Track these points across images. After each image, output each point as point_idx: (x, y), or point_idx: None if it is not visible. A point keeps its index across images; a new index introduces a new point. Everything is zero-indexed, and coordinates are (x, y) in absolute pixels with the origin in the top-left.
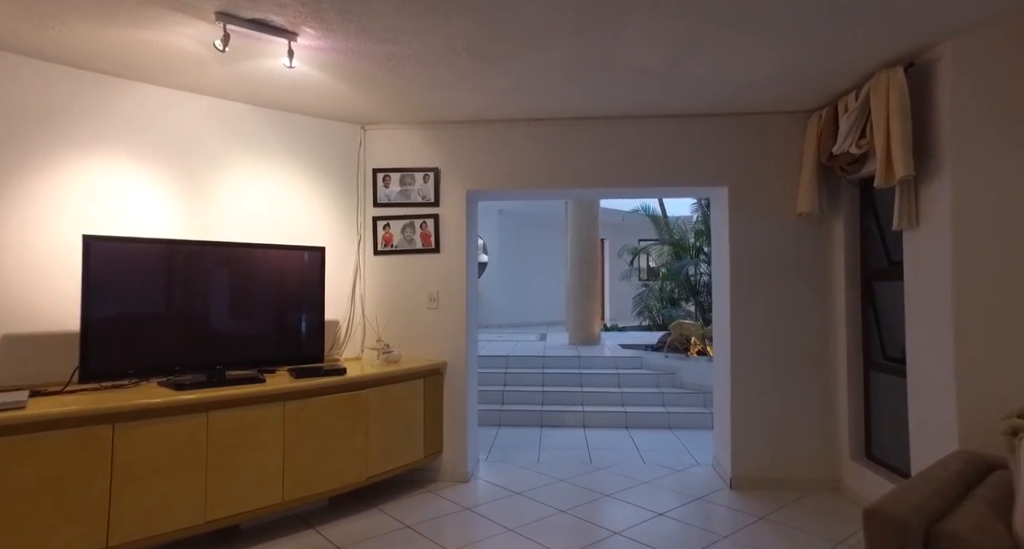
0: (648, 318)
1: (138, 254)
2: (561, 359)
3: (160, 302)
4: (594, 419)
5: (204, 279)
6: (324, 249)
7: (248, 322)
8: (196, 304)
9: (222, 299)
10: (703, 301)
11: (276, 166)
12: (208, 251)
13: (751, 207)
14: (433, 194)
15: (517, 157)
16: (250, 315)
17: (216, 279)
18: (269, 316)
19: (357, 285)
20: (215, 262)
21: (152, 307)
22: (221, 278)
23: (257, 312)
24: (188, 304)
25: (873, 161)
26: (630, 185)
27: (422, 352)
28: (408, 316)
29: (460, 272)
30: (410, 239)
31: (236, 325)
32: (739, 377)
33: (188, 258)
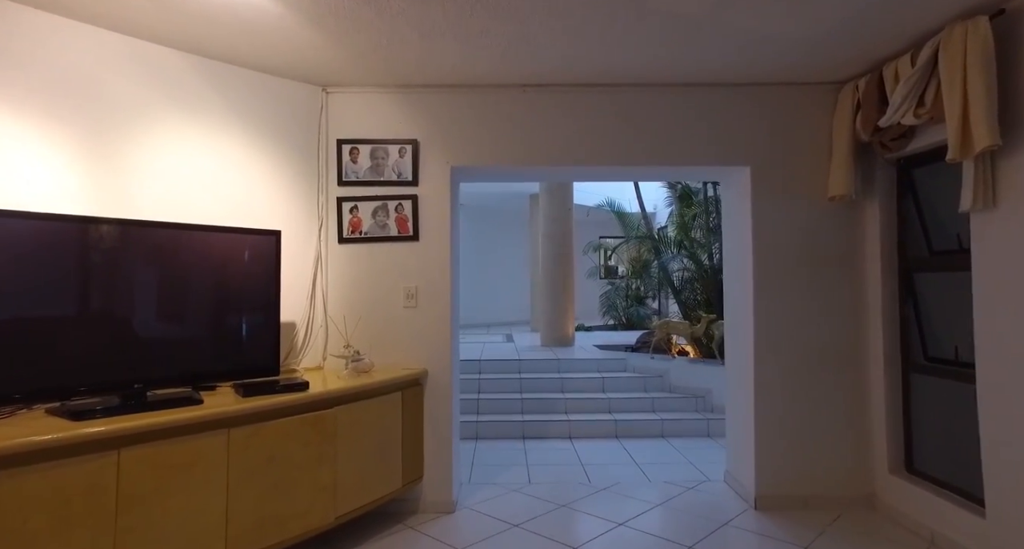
0: (614, 317)
1: (24, 235)
2: (539, 363)
3: (57, 301)
4: (581, 429)
5: (121, 270)
6: (279, 233)
7: (181, 326)
8: (110, 303)
9: (146, 296)
10: (686, 298)
11: (216, 131)
12: (127, 233)
13: (777, 190)
14: (411, 171)
15: (510, 129)
16: (183, 317)
17: (138, 270)
18: (208, 318)
19: (319, 279)
20: (136, 247)
21: (45, 307)
22: (145, 268)
23: (192, 313)
24: (98, 303)
25: (923, 135)
26: (640, 163)
27: (398, 359)
28: (381, 316)
29: (443, 264)
30: (383, 224)
31: (165, 330)
32: (764, 382)
33: (99, 242)
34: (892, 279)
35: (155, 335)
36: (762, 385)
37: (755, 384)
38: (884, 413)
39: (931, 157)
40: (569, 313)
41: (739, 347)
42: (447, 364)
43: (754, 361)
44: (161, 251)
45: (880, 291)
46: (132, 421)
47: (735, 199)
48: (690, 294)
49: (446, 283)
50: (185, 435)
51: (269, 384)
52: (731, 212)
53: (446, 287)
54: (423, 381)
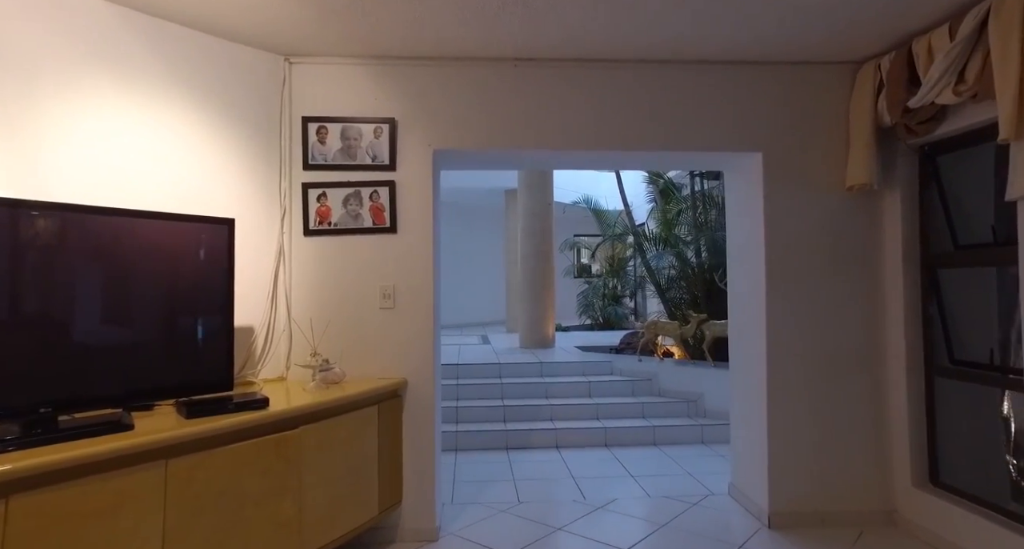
0: (591, 317)
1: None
2: (520, 366)
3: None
4: (568, 437)
5: (30, 263)
6: (233, 223)
7: (110, 333)
8: (14, 306)
9: (64, 297)
10: (673, 297)
11: (158, 102)
12: (45, 219)
13: (791, 178)
14: (387, 154)
15: (501, 108)
16: (113, 322)
17: (55, 264)
18: (145, 322)
19: (281, 277)
20: (52, 236)
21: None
22: (64, 263)
23: (125, 317)
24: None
25: (957, 117)
26: (645, 148)
27: (373, 368)
28: (354, 319)
29: (424, 259)
30: (355, 214)
31: (89, 338)
32: (777, 388)
33: (8, 229)
34: (914, 275)
35: (76, 345)
36: (776, 392)
37: (768, 391)
38: (906, 421)
39: (960, 142)
40: (550, 313)
41: (746, 350)
42: (429, 372)
43: (767, 366)
44: (85, 241)
45: (901, 288)
46: (26, 459)
47: (744, 189)
48: (677, 293)
49: (428, 281)
50: (106, 472)
51: (220, 402)
52: (739, 203)
53: (428, 286)
54: (402, 392)
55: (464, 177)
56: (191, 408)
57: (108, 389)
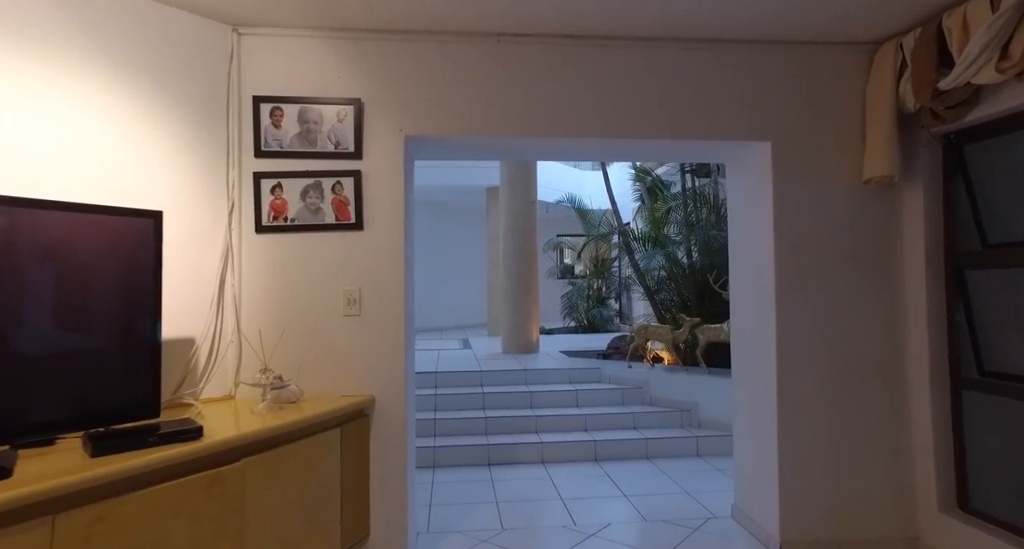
0: (575, 319)
1: None
2: (503, 374)
3: None
4: (555, 452)
5: None
6: (160, 215)
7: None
8: None
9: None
10: (663, 300)
11: (75, 73)
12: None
13: (802, 170)
14: (352, 140)
15: (480, 89)
16: (4, 336)
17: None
18: (46, 335)
19: (228, 280)
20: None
21: None
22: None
23: (18, 328)
24: None
25: (993, 100)
26: (637, 135)
27: (336, 384)
28: (313, 328)
29: (395, 259)
30: (315, 208)
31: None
32: (788, 401)
33: None
34: (938, 277)
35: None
36: (786, 405)
37: (778, 404)
38: (931, 438)
39: (994, 129)
40: (534, 316)
41: (752, 359)
42: (400, 387)
43: (777, 377)
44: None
45: (924, 292)
46: None
47: (750, 183)
48: (667, 295)
49: (399, 284)
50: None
51: (139, 433)
52: (743, 199)
53: (399, 289)
54: (369, 411)
55: (444, 174)
56: (99, 443)
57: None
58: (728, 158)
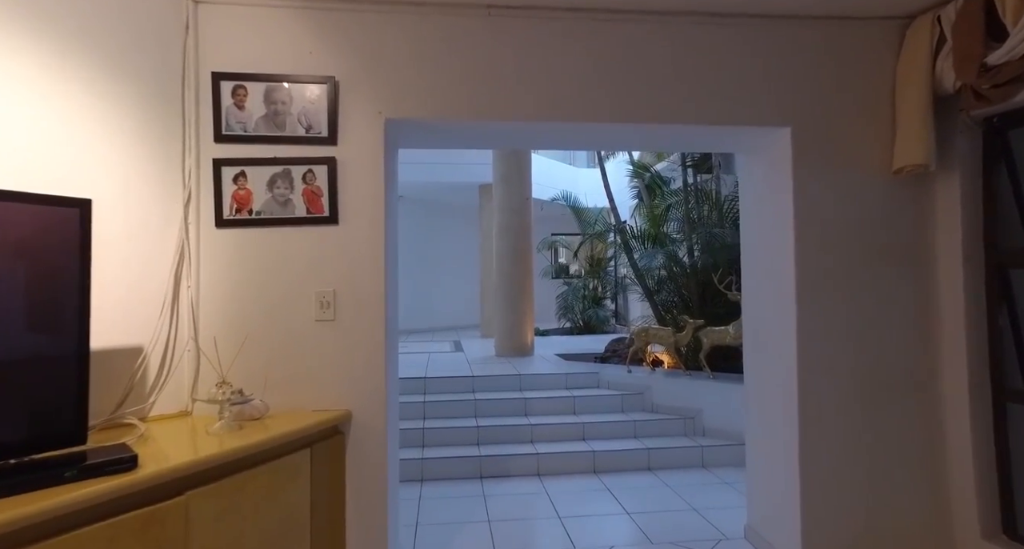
0: (571, 320)
1: None
2: (496, 379)
3: None
4: (552, 463)
5: None
6: (88, 204)
7: None
8: None
9: None
10: (663, 301)
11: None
12: None
13: (826, 159)
14: (326, 123)
15: (469, 67)
16: None
17: None
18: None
19: (184, 281)
20: None
21: None
22: None
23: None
24: None
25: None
26: (646, 120)
27: (308, 398)
28: (281, 335)
29: (374, 257)
30: (284, 200)
31: None
32: (811, 414)
33: None
34: (977, 278)
35: None
36: (809, 418)
37: (800, 418)
38: (970, 456)
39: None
40: (528, 318)
41: (768, 366)
42: (380, 400)
43: (798, 386)
44: None
45: (961, 293)
46: None
47: (766, 173)
48: (667, 295)
49: (378, 285)
50: None
51: (56, 465)
52: (758, 192)
53: (378, 291)
54: (345, 428)
55: (436, 171)
56: (3, 478)
57: None
58: (742, 146)
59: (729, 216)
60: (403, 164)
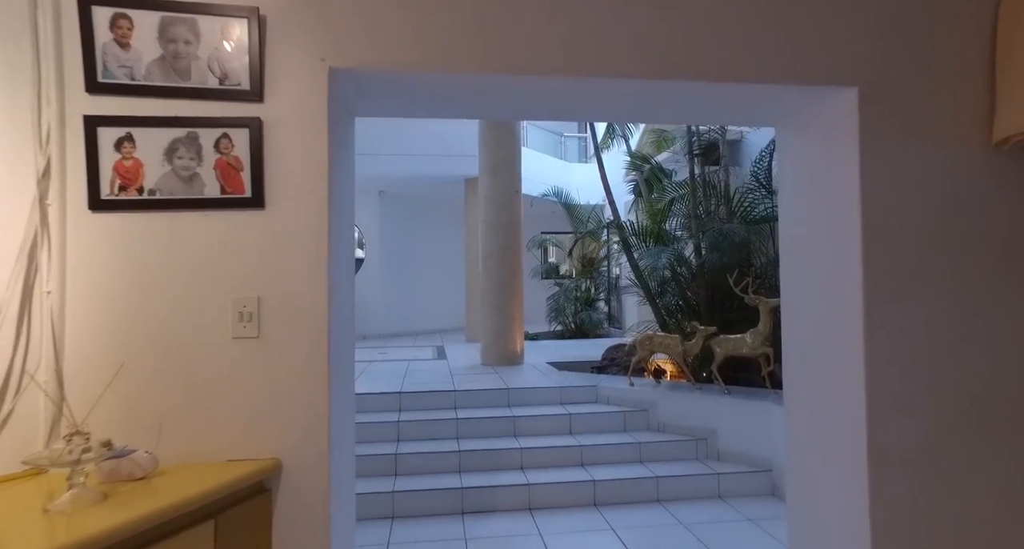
0: (562, 323)
1: None
2: (482, 394)
3: None
4: (546, 495)
5: None
6: None
7: None
8: None
9: None
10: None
11: None
12: None
13: (903, 128)
14: (248, 73)
15: (443, 4)
16: None
17: None
18: None
19: (39, 285)
20: None
21: None
22: None
23: None
24: None
25: None
26: (667, 75)
27: (217, 443)
28: (182, 360)
29: (315, 253)
30: (189, 174)
31: None
32: (885, 454)
33: None
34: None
35: None
36: (883, 459)
37: (870, 457)
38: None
39: None
40: (517, 323)
41: (823, 390)
42: (322, 442)
43: (867, 420)
44: None
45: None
46: None
47: (822, 148)
48: (671, 298)
49: (319, 290)
50: None
51: None
52: (806, 173)
53: (319, 298)
54: (272, 483)
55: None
56: None
57: None
58: (788, 115)
59: (739, 211)
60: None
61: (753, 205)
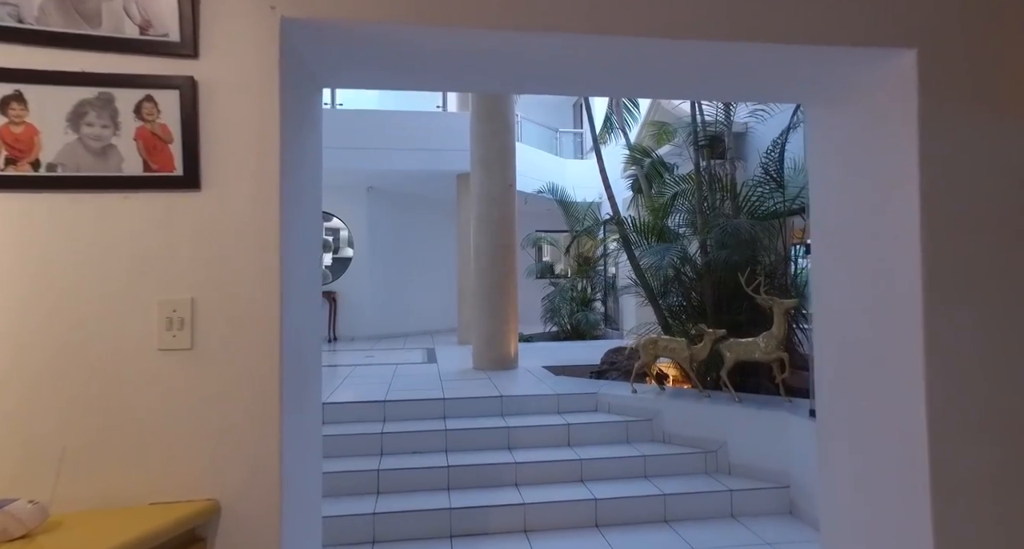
0: (558, 324)
1: None
2: (473, 403)
3: None
4: (543, 515)
5: None
6: None
7: None
8: None
9: None
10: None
11: None
12: None
13: (972, 97)
14: (179, 20)
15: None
16: None
17: None
18: None
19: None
20: None
21: None
22: None
23: None
24: None
25: None
26: (701, 32)
27: (137, 483)
28: (93, 377)
29: (264, 246)
30: (101, 146)
31: None
32: (952, 488)
33: None
34: None
35: None
36: (949, 494)
37: (934, 492)
38: None
39: None
40: (512, 326)
41: (871, 405)
42: (271, 477)
43: (930, 448)
44: None
45: None
46: None
47: (870, 122)
48: (675, 299)
49: (270, 290)
50: None
51: None
52: (845, 152)
53: (269, 299)
54: (208, 531)
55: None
56: None
57: None
58: (826, 86)
59: (746, 206)
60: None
61: (761, 199)
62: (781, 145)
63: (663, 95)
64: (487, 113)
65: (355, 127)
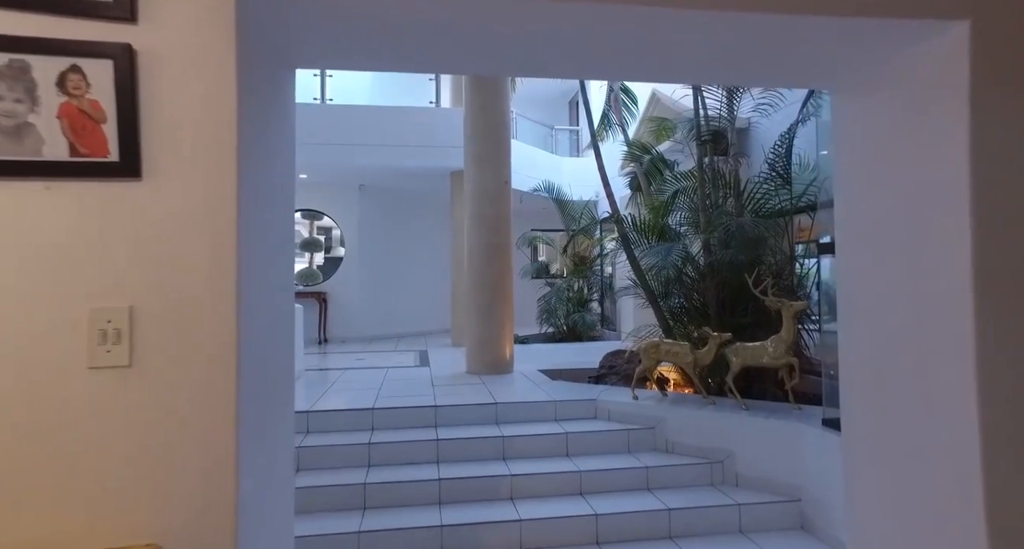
0: (554, 325)
1: None
2: (466, 410)
3: None
4: (539, 533)
5: None
6: None
7: None
8: None
9: None
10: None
11: None
12: None
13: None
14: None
15: None
16: None
17: None
18: None
19: None
20: None
21: None
22: None
23: None
24: None
25: None
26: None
27: (65, 524)
28: (8, 399)
29: (218, 244)
30: (14, 124)
31: None
32: (1012, 513)
33: None
34: None
35: None
36: (1006, 530)
37: (989, 529)
38: None
39: None
40: (507, 328)
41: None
42: (225, 519)
43: (984, 473)
44: None
45: None
46: None
47: (912, 105)
48: (678, 299)
49: (224, 296)
50: None
51: None
52: (879, 141)
53: (226, 307)
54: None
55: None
56: None
57: None
58: (859, 67)
59: (751, 204)
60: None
61: (767, 197)
62: (789, 140)
63: (688, 80)
64: (482, 108)
65: (346, 123)
